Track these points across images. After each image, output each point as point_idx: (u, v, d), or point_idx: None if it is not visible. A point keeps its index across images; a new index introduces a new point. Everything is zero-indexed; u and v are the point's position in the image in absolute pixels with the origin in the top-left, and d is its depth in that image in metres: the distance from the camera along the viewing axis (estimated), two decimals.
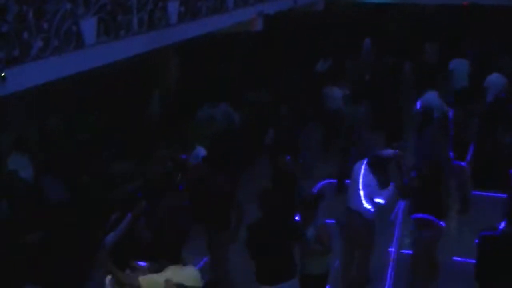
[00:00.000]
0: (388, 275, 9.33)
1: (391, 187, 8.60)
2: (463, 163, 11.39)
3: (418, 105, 12.97)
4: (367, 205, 8.49)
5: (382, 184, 8.61)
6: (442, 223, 8.63)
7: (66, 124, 11.70)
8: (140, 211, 7.01)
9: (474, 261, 7.61)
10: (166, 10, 8.94)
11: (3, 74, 5.99)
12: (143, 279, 6.00)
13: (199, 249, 8.83)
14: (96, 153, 11.11)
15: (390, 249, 9.89)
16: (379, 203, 8.48)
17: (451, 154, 11.23)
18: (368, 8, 19.65)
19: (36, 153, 10.29)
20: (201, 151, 11.07)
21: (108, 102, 12.57)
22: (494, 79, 15.11)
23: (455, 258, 9.76)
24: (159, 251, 6.41)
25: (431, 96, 13.06)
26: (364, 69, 17.77)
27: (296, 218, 7.98)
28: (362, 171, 8.58)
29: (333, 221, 8.76)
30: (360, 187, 8.49)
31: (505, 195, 10.68)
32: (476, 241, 7.72)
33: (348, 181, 9.14)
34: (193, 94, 14.21)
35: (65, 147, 11.02)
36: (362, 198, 8.50)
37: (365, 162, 8.63)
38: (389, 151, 9.06)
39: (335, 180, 12.20)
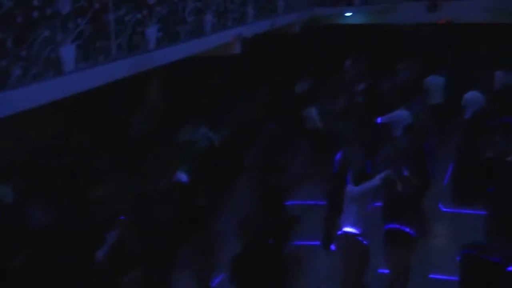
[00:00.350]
0: None
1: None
2: None
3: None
4: (354, 226, 8.56)
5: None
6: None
7: (48, 147, 11.71)
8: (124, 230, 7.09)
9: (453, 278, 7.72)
10: (144, 35, 9.02)
11: None
12: None
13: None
14: (80, 175, 11.12)
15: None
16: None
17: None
18: (345, 29, 19.89)
19: (18, 177, 10.27)
20: (183, 177, 11.09)
21: (91, 124, 12.62)
22: (472, 96, 15.22)
23: (432, 276, 9.87)
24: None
25: (402, 113, 13.29)
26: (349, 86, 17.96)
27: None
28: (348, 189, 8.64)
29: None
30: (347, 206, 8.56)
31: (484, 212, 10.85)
32: (458, 258, 7.87)
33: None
34: (175, 117, 14.28)
35: (48, 170, 11.01)
36: (350, 217, 8.59)
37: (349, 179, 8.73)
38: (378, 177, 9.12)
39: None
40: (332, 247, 9.53)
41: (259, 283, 7.15)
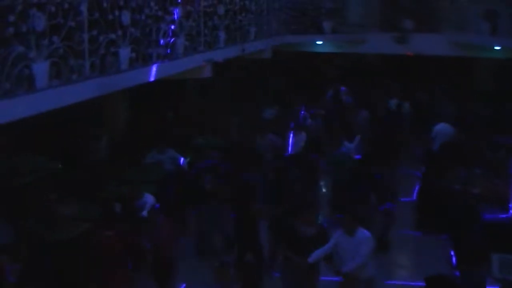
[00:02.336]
0: None
1: None
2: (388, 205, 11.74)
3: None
4: None
5: None
6: None
7: (10, 166, 11.52)
8: None
9: None
10: (117, 55, 8.99)
11: None
12: None
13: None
14: (41, 195, 10.96)
15: None
16: None
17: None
18: (314, 57, 20.13)
19: None
20: (149, 198, 11.04)
21: (55, 144, 12.48)
22: (442, 128, 15.47)
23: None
24: None
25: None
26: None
27: None
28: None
29: None
30: None
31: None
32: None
33: None
34: (141, 138, 14.24)
35: (9, 190, 10.83)
36: None
37: None
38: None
39: None
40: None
41: None
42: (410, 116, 17.28)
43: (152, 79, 10.23)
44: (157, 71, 10.37)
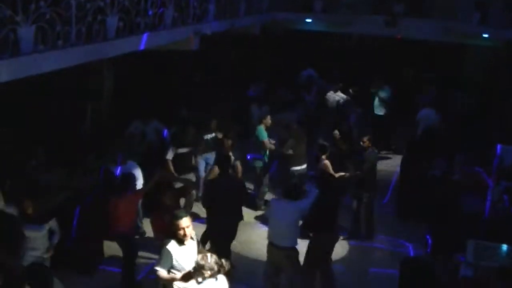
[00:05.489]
0: None
1: None
2: None
3: None
4: None
5: None
6: None
7: None
8: None
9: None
10: (105, 23, 8.90)
11: None
12: None
13: None
14: (21, 164, 10.92)
15: None
16: None
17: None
18: (304, 35, 20.05)
19: None
20: (133, 165, 11.07)
21: (39, 111, 12.41)
22: (425, 114, 15.57)
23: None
24: None
25: None
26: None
27: None
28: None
29: None
30: None
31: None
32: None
33: None
34: (126, 109, 14.18)
35: None
36: None
37: None
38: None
39: None
40: None
41: None
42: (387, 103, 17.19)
43: (139, 48, 10.14)
44: (144, 41, 10.28)
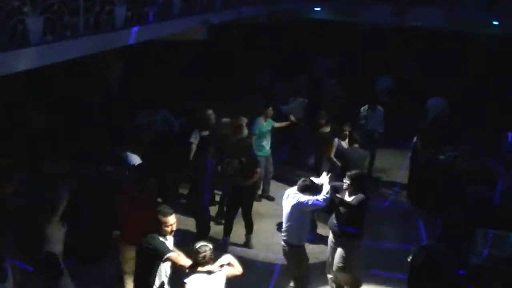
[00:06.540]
0: None
1: None
2: None
3: None
4: None
5: None
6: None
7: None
8: None
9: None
10: (113, 13, 8.92)
11: None
12: None
13: None
14: (31, 152, 10.96)
15: None
16: None
17: None
18: (312, 24, 19.98)
19: None
20: (134, 158, 10.95)
21: (48, 101, 12.44)
22: (434, 102, 15.55)
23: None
24: None
25: None
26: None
27: None
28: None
29: None
30: None
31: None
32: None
33: None
34: (135, 99, 14.18)
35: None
36: None
37: None
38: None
39: None
40: None
41: None
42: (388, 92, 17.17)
43: (147, 38, 10.15)
44: (152, 31, 10.30)
